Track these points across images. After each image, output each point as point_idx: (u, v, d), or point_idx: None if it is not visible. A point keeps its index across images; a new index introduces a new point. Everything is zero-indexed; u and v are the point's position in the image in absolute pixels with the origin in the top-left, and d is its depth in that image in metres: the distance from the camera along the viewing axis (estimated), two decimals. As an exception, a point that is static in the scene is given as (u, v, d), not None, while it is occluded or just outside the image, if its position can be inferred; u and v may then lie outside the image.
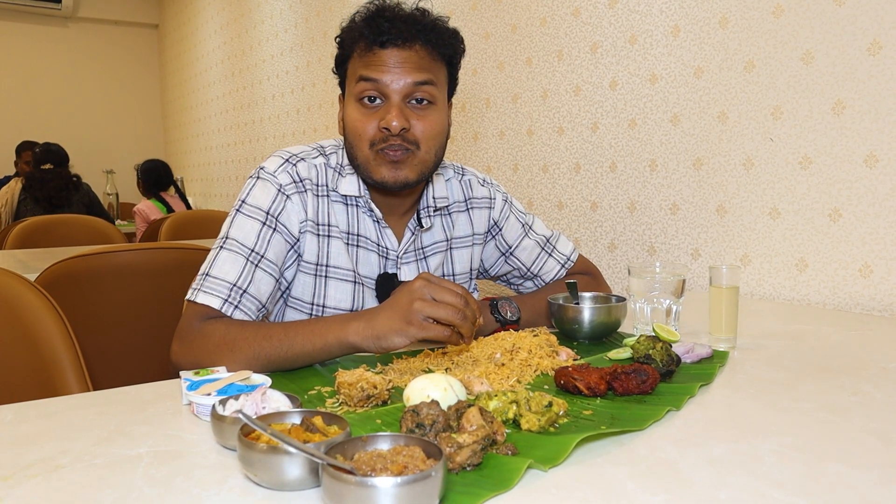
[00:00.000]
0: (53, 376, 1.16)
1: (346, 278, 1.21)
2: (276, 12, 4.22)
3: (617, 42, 2.01)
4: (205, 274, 1.11)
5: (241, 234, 1.13)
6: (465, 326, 0.94)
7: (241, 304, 1.09)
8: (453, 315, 0.93)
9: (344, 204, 1.22)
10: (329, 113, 3.70)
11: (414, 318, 0.93)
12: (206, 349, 1.02)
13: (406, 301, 0.94)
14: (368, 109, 1.14)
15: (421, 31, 1.13)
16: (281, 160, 1.20)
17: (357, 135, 1.15)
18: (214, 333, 1.04)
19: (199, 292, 1.08)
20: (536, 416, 0.76)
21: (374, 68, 1.12)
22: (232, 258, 1.11)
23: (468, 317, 0.94)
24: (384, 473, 0.56)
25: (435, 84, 1.15)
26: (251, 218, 1.14)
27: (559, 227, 2.24)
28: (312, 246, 1.19)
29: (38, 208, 3.95)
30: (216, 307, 1.07)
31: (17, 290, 1.21)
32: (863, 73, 1.47)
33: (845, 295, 1.53)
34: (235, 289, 1.09)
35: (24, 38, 6.49)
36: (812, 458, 0.69)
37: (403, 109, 1.12)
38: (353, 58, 1.17)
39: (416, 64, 1.13)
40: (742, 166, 1.71)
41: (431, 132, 1.15)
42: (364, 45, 1.14)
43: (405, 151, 1.13)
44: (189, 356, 1.04)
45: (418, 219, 1.27)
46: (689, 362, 1.04)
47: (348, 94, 1.18)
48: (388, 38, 1.11)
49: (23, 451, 0.72)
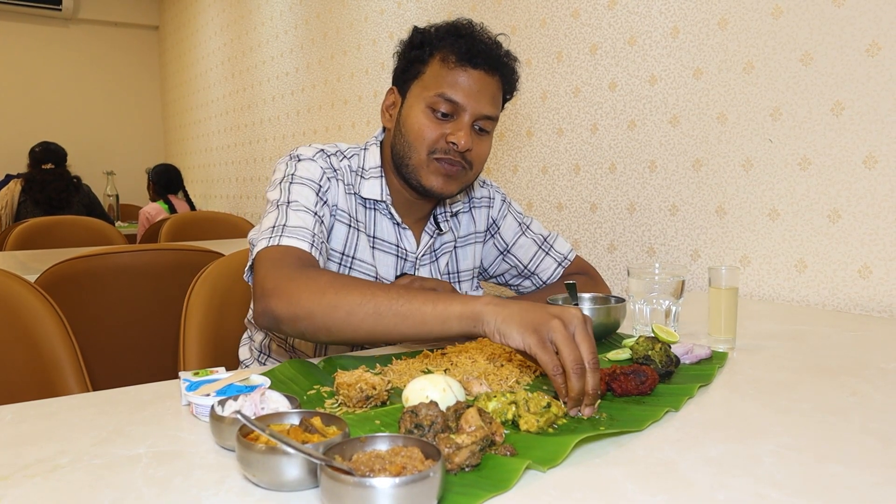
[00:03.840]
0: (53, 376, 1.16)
1: (369, 273, 1.23)
2: (277, 14, 4.22)
3: (616, 43, 2.01)
4: (280, 225, 1.08)
5: (302, 197, 1.14)
6: (576, 383, 0.80)
7: (323, 251, 1.07)
8: (572, 361, 0.80)
9: (364, 206, 1.25)
10: (329, 114, 3.70)
11: (543, 332, 0.83)
12: (311, 287, 0.95)
13: (549, 314, 0.85)
14: (437, 118, 1.17)
15: (503, 63, 1.21)
16: (315, 150, 1.23)
17: (421, 138, 1.17)
18: (319, 274, 0.98)
19: (282, 237, 1.05)
20: (535, 416, 0.76)
21: (458, 89, 1.16)
22: (302, 213, 1.11)
23: (581, 376, 0.80)
24: (382, 474, 0.56)
25: (497, 119, 1.23)
26: (306, 186, 1.16)
27: (559, 228, 2.24)
28: (342, 235, 1.20)
29: (38, 210, 3.95)
30: (304, 248, 1.04)
31: (17, 291, 1.22)
32: (862, 74, 1.47)
33: (844, 296, 1.53)
34: (317, 237, 1.09)
35: (24, 40, 6.49)
36: (811, 459, 0.69)
37: (470, 131, 1.17)
38: (433, 63, 1.19)
39: (493, 96, 1.19)
40: (741, 167, 1.71)
41: (483, 157, 1.22)
42: (455, 58, 1.16)
43: (461, 168, 1.18)
44: (288, 294, 0.96)
45: (436, 223, 1.31)
46: (689, 363, 1.04)
47: (417, 97, 1.19)
48: (481, 60, 1.16)
49: (22, 451, 0.72)
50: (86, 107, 6.81)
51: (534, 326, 0.83)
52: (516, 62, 1.24)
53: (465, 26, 1.19)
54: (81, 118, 6.77)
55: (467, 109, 1.16)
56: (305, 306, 0.95)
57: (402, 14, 3.03)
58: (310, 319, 0.95)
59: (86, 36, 6.82)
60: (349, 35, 3.45)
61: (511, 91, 1.26)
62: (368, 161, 1.26)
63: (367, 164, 1.25)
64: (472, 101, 1.16)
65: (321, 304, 0.94)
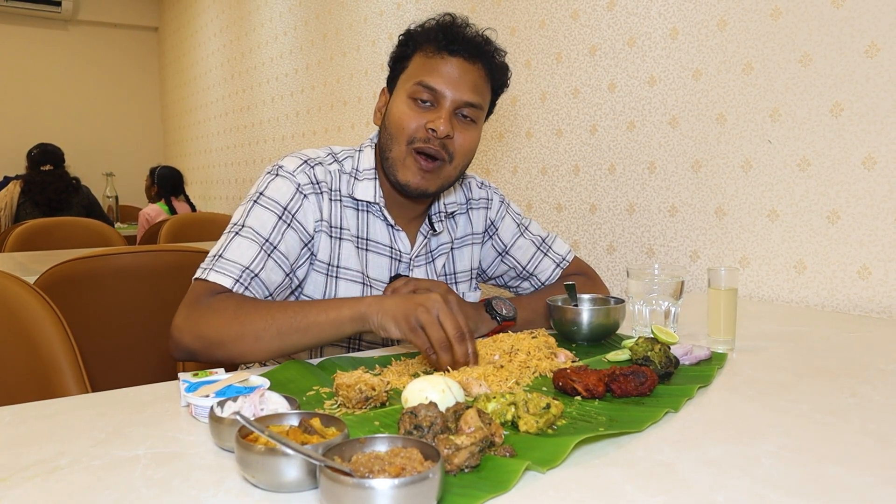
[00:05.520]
0: (52, 378, 1.16)
1: (356, 279, 1.23)
2: (276, 15, 4.22)
3: (615, 44, 2.02)
4: (217, 255, 1.11)
5: (258, 223, 1.14)
6: (442, 357, 0.96)
7: (250, 286, 1.10)
8: (437, 340, 0.95)
9: (355, 209, 1.25)
10: (328, 115, 3.70)
11: (411, 319, 0.97)
12: (217, 321, 1.02)
13: (415, 303, 0.98)
14: (418, 108, 1.18)
15: (485, 54, 1.20)
16: (300, 161, 1.21)
17: (400, 128, 1.18)
18: (226, 305, 1.04)
19: (211, 271, 1.09)
20: (534, 417, 0.76)
21: (436, 76, 1.17)
22: (246, 244, 1.12)
23: (446, 350, 0.96)
24: (382, 475, 0.56)
25: (482, 108, 1.22)
26: (268, 210, 1.15)
27: (558, 229, 2.24)
28: (326, 246, 1.21)
29: (38, 211, 3.95)
30: (227, 286, 1.08)
31: (16, 293, 1.22)
32: (860, 75, 1.47)
33: (844, 297, 1.53)
34: (248, 272, 1.10)
35: (23, 41, 6.49)
36: (810, 460, 0.70)
37: (451, 118, 1.17)
38: (415, 57, 1.21)
39: (473, 83, 1.19)
40: (740, 168, 1.71)
41: (466, 148, 1.21)
42: (433, 48, 1.18)
43: (438, 162, 1.18)
44: (196, 328, 1.03)
45: (430, 223, 1.31)
46: (688, 364, 1.04)
47: (400, 90, 1.21)
48: (457, 47, 1.17)
49: (21, 452, 0.72)
50: (85, 108, 6.81)
51: (404, 316, 0.97)
52: (503, 56, 1.24)
53: (444, 18, 1.21)
54: (81, 119, 6.77)
55: (447, 96, 1.16)
56: (215, 338, 1.02)
57: (401, 15, 3.03)
58: (222, 348, 1.03)
59: (85, 37, 6.82)
60: (348, 36, 3.45)
61: (499, 81, 1.25)
62: (363, 163, 1.26)
63: (362, 166, 1.25)
64: (451, 87, 1.16)
65: (230, 334, 1.02)
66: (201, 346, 1.03)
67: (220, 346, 1.02)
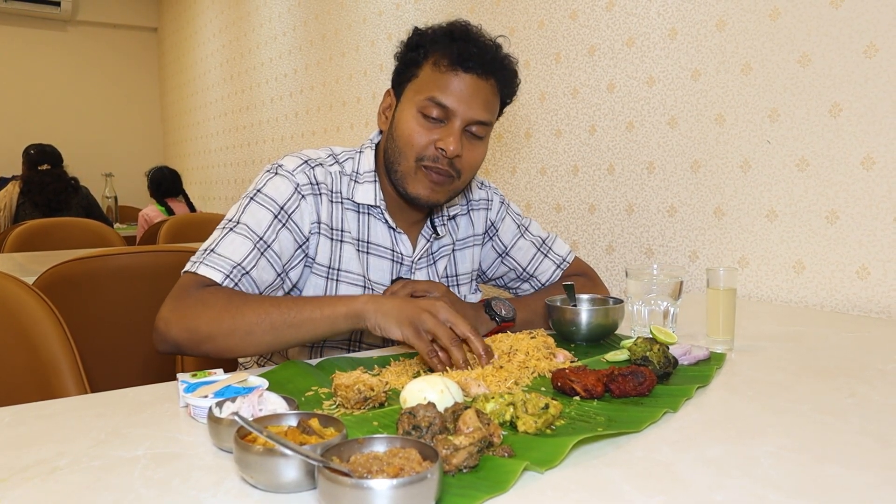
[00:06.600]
0: (51, 378, 1.16)
1: (357, 283, 1.22)
2: (275, 15, 4.22)
3: (614, 45, 2.02)
4: (208, 250, 1.10)
5: (253, 220, 1.13)
6: (455, 353, 0.95)
7: (240, 283, 1.08)
8: (448, 339, 0.95)
9: (356, 212, 1.24)
10: (327, 116, 3.70)
11: (417, 324, 0.96)
12: (207, 313, 1.00)
13: (419, 308, 0.97)
14: (428, 124, 1.16)
15: (498, 67, 1.18)
16: (300, 161, 1.20)
17: (409, 144, 1.16)
18: (216, 298, 1.02)
19: (201, 265, 1.07)
20: (533, 418, 0.76)
21: (448, 93, 1.14)
22: (240, 240, 1.10)
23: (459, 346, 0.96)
24: (380, 475, 0.56)
25: (491, 124, 1.21)
26: (264, 207, 1.14)
27: (557, 229, 2.24)
28: (325, 249, 1.20)
29: (37, 212, 3.95)
30: (217, 280, 1.06)
31: (15, 293, 1.22)
32: (859, 75, 1.48)
33: (842, 297, 1.53)
34: (238, 268, 1.08)
35: (22, 42, 6.49)
36: (809, 460, 0.70)
37: (461, 137, 1.16)
38: (426, 66, 1.17)
39: (485, 101, 1.17)
40: (739, 168, 1.71)
41: (474, 164, 1.21)
42: (447, 62, 1.15)
43: (447, 178, 1.17)
44: (184, 320, 1.01)
45: (433, 226, 1.30)
46: (687, 364, 1.04)
47: (409, 101, 1.18)
48: (472, 64, 1.14)
49: (20, 452, 0.72)
50: (84, 108, 6.81)
51: (409, 320, 0.96)
52: (515, 64, 1.22)
53: (459, 29, 1.17)
54: (80, 120, 6.76)
55: (458, 114, 1.14)
56: (205, 331, 1.00)
57: (400, 16, 3.03)
58: (212, 342, 1.01)
59: (84, 38, 6.82)
60: (348, 37, 3.45)
61: (509, 95, 1.24)
62: (363, 165, 1.25)
63: (362, 168, 1.24)
64: (462, 105, 1.14)
65: (220, 328, 1.00)
66: (189, 339, 1.01)
67: (209, 340, 1.00)
